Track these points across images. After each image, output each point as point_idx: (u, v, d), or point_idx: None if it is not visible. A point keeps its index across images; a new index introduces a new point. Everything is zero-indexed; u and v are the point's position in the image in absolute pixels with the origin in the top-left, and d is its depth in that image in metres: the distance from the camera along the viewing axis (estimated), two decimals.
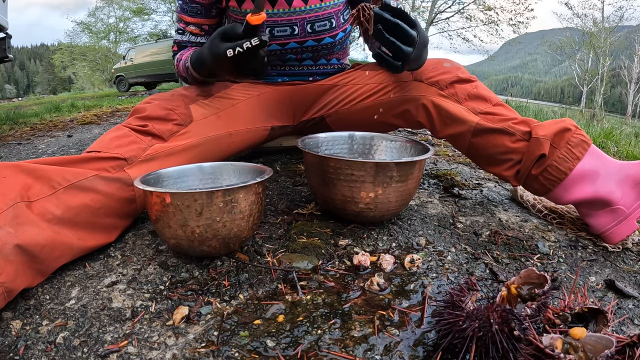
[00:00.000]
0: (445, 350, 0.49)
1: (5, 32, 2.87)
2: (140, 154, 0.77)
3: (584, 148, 0.80)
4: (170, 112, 0.84)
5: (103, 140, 0.78)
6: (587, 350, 0.44)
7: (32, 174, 0.64)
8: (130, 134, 0.79)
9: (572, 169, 0.79)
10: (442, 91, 0.91)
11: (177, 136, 0.84)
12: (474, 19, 16.11)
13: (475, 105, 0.88)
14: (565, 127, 0.81)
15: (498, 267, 0.71)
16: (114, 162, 0.74)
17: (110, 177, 0.72)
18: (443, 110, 0.90)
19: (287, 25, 0.96)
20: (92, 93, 13.41)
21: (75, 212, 0.66)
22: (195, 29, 1.01)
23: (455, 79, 0.91)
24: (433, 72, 0.93)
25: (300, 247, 0.73)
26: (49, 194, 0.64)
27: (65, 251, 0.64)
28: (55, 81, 57.71)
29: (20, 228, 0.58)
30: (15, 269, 0.56)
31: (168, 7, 18.27)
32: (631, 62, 21.18)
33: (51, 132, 2.40)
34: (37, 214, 0.62)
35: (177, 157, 0.83)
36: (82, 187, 0.68)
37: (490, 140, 0.87)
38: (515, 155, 0.85)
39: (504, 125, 0.85)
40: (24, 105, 6.78)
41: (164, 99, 0.88)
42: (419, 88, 0.94)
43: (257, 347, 0.51)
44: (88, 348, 0.51)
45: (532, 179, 0.84)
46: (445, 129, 0.92)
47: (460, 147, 0.93)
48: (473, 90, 0.90)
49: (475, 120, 0.87)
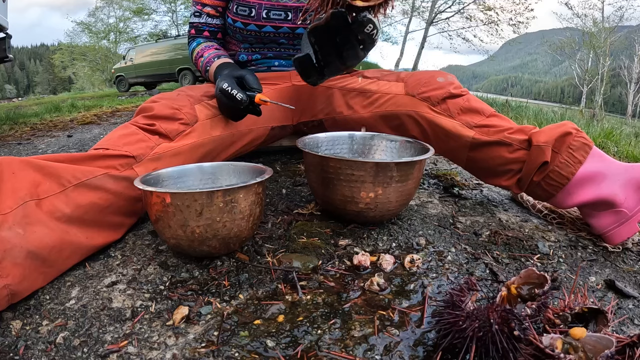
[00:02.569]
0: (445, 350, 0.49)
1: (5, 32, 2.87)
2: (148, 152, 0.78)
3: (586, 151, 0.79)
4: (176, 111, 0.85)
5: (111, 137, 0.79)
6: (587, 350, 0.44)
7: (41, 170, 0.64)
8: (138, 132, 0.80)
9: (574, 173, 0.79)
10: (434, 107, 0.92)
11: (183, 136, 0.85)
12: (474, 19, 16.10)
13: (469, 119, 0.88)
14: (566, 131, 0.80)
15: (498, 267, 0.71)
16: (122, 160, 0.74)
17: (119, 176, 0.72)
18: (437, 127, 0.91)
19: (282, 10, 1.02)
20: (92, 93, 13.41)
21: (84, 211, 0.66)
22: (212, 10, 1.07)
23: (447, 95, 0.91)
24: (425, 87, 0.94)
25: (300, 247, 0.73)
26: (59, 192, 0.64)
27: (74, 251, 0.64)
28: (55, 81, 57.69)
29: (29, 229, 0.58)
30: (23, 272, 0.56)
31: (168, 7, 18.27)
32: (631, 62, 21.17)
33: (51, 132, 2.40)
34: (46, 212, 0.62)
35: (183, 156, 0.84)
36: (92, 186, 0.68)
37: (488, 153, 0.87)
38: (514, 166, 0.85)
39: (499, 137, 0.85)
40: (24, 105, 6.78)
41: (170, 98, 0.89)
42: (411, 103, 0.95)
43: (257, 347, 0.51)
44: (88, 348, 0.51)
45: (535, 185, 0.84)
46: (440, 145, 0.93)
47: (458, 161, 0.94)
48: (465, 103, 0.90)
49: (470, 135, 0.87)
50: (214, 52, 1.05)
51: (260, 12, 1.01)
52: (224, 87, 0.85)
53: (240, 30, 1.05)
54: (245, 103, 0.85)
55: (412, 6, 16.28)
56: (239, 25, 1.03)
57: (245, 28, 1.03)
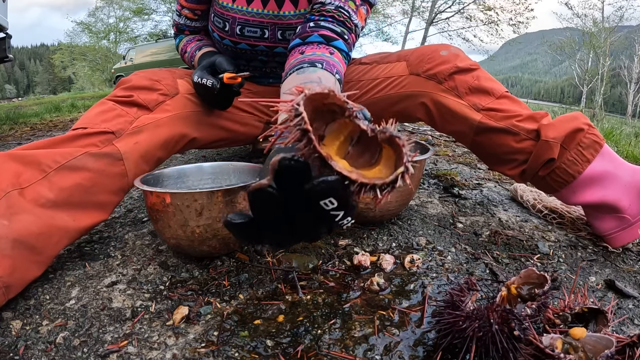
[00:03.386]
0: (445, 350, 0.49)
1: (6, 32, 2.87)
2: (127, 126, 0.76)
3: (596, 149, 0.76)
4: (156, 82, 0.84)
5: (88, 116, 0.77)
6: (587, 350, 0.44)
7: (21, 160, 0.64)
8: (115, 108, 0.78)
9: (581, 172, 0.76)
10: (441, 85, 0.86)
11: (163, 106, 0.82)
12: (474, 19, 16.10)
13: (477, 101, 0.83)
14: (577, 127, 0.77)
15: (498, 267, 0.71)
16: (102, 136, 0.72)
17: (100, 153, 0.71)
18: (443, 107, 0.86)
19: (257, 27, 0.94)
20: (92, 93, 13.40)
21: (68, 193, 0.66)
22: (189, 13, 1.04)
23: (455, 70, 0.85)
24: (430, 63, 0.88)
25: (300, 247, 0.73)
26: (41, 178, 0.64)
27: (62, 235, 0.64)
28: (55, 81, 57.70)
29: (14, 218, 0.58)
30: (12, 263, 0.56)
31: (168, 7, 18.27)
32: (631, 62, 21.18)
33: (51, 132, 2.40)
34: (30, 200, 0.61)
35: (164, 128, 0.81)
36: (73, 167, 0.67)
37: (494, 140, 0.83)
38: (520, 156, 0.82)
39: (507, 124, 0.81)
40: (24, 105, 6.77)
41: (150, 71, 0.88)
42: (417, 83, 0.89)
43: (257, 347, 0.51)
44: (88, 348, 0.51)
45: (539, 179, 0.81)
46: (446, 126, 0.88)
47: (463, 143, 0.90)
48: (474, 82, 0.84)
49: (477, 119, 0.82)
50: (195, 45, 1.03)
51: (234, 27, 0.93)
52: (195, 79, 0.85)
53: (218, 43, 1.00)
54: (217, 87, 0.83)
55: (412, 6, 16.28)
56: (216, 37, 0.99)
57: (222, 42, 0.98)
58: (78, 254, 0.73)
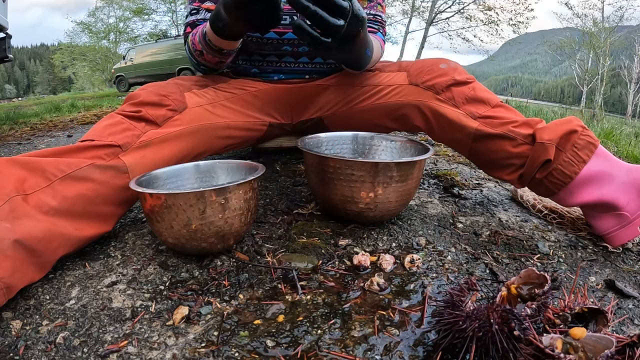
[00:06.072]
0: (445, 350, 0.49)
1: (6, 32, 2.87)
2: (134, 140, 0.77)
3: (591, 150, 0.78)
4: (164, 97, 0.84)
5: (96, 129, 0.77)
6: (587, 350, 0.44)
7: (26, 166, 0.64)
8: (123, 121, 0.79)
9: (577, 172, 0.78)
10: (439, 95, 0.90)
11: (171, 122, 0.83)
12: (474, 19, 16.10)
13: (474, 109, 0.87)
14: (571, 128, 0.79)
15: (498, 267, 0.71)
16: (108, 149, 0.73)
17: (105, 165, 0.71)
18: (441, 116, 0.89)
19: (287, 14, 0.95)
20: (92, 93, 13.42)
21: (71, 203, 0.66)
22: (212, 5, 1.00)
23: (452, 82, 0.89)
24: (429, 75, 0.92)
25: (300, 247, 0.73)
26: (45, 186, 0.64)
27: (63, 242, 0.64)
28: (55, 81, 57.71)
29: (16, 222, 0.58)
30: (13, 264, 0.56)
31: (168, 7, 18.28)
32: (631, 62, 21.18)
33: (51, 132, 2.40)
34: (34, 206, 0.62)
35: (172, 143, 0.83)
36: (78, 177, 0.68)
37: (491, 146, 0.85)
38: (517, 160, 0.84)
39: (503, 129, 0.83)
40: (24, 105, 6.78)
41: (158, 85, 0.88)
42: (415, 92, 0.93)
43: (257, 347, 0.51)
44: (88, 348, 0.51)
45: (537, 182, 0.83)
46: (444, 134, 0.91)
47: (461, 151, 0.93)
48: (470, 92, 0.88)
49: (474, 126, 0.85)
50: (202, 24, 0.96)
51: None
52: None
53: None
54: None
55: (412, 6, 16.28)
56: None
57: None
58: (78, 254, 0.73)
